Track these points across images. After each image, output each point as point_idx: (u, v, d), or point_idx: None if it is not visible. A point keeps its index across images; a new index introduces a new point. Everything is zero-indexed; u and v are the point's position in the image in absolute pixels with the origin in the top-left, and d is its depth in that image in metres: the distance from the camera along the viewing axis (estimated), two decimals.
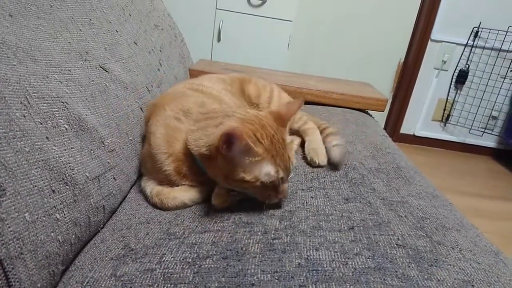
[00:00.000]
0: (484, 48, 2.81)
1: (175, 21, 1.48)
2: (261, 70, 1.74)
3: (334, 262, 0.53)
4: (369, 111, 1.50)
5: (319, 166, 0.85)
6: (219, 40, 2.38)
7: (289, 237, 0.58)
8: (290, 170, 0.68)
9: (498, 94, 2.88)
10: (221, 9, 2.31)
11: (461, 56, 2.85)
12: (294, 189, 0.75)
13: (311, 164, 0.86)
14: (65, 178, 0.54)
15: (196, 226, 0.61)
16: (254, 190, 0.64)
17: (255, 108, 0.92)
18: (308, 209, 0.67)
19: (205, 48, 2.39)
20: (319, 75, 1.82)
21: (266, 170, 0.62)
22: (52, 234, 0.50)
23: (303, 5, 2.62)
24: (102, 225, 0.65)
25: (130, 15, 0.98)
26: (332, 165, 0.85)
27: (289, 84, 1.46)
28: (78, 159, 0.58)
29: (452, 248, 0.58)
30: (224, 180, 0.64)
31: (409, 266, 0.53)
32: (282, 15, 2.31)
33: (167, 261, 0.53)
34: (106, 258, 0.56)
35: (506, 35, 2.69)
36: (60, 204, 0.53)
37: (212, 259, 0.53)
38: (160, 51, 1.12)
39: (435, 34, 2.83)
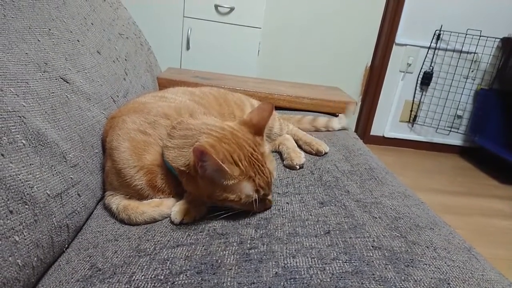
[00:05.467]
0: (446, 50, 2.92)
1: (142, 30, 1.44)
2: (232, 77, 1.73)
3: (311, 268, 0.52)
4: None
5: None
6: (188, 48, 2.35)
7: (265, 245, 0.57)
8: (272, 183, 0.67)
9: (462, 94, 3.00)
10: (188, 17, 2.29)
11: (425, 59, 2.96)
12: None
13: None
14: (24, 197, 0.51)
15: (168, 241, 0.58)
16: (239, 206, 0.64)
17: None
18: (284, 216, 0.66)
19: (174, 57, 2.36)
20: (289, 81, 1.84)
21: (246, 191, 0.62)
22: (10, 258, 0.47)
23: (270, 12, 2.64)
24: (66, 245, 0.62)
25: (92, 24, 0.94)
26: None
27: (260, 90, 1.46)
28: (37, 176, 0.55)
29: (427, 247, 0.59)
30: (208, 199, 0.64)
31: (386, 268, 0.52)
32: (251, 22, 2.32)
33: (137, 280, 0.50)
34: (72, 280, 0.52)
35: (465, 37, 2.82)
36: (19, 225, 0.49)
37: (185, 275, 0.51)
38: (126, 60, 1.08)
39: (399, 38, 2.92)
